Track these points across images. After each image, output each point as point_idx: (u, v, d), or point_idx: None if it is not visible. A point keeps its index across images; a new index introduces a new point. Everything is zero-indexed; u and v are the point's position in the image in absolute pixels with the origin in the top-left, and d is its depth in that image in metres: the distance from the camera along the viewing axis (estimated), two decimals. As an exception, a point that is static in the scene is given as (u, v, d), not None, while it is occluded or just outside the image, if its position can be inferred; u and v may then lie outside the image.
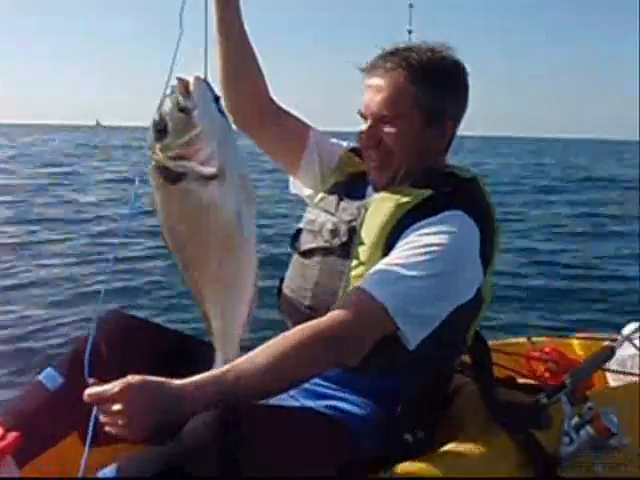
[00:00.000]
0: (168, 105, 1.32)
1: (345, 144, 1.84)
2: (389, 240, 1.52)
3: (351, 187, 1.72)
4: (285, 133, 1.82)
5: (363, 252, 1.54)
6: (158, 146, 1.33)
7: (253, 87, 1.76)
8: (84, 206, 11.55)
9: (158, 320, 1.89)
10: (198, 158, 1.33)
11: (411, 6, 3.14)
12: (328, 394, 1.61)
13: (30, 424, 1.60)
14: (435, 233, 1.48)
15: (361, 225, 1.57)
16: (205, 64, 1.45)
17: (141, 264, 6.67)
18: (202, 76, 1.39)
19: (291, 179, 1.90)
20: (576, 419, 1.61)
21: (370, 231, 1.55)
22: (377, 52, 1.65)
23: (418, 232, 1.49)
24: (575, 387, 1.67)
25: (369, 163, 1.66)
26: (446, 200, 1.53)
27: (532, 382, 1.97)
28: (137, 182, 1.40)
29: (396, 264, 1.46)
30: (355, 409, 1.58)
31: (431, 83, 1.58)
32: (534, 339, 2.28)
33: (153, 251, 7.08)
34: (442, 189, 1.55)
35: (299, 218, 1.80)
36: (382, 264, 1.48)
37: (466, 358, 1.82)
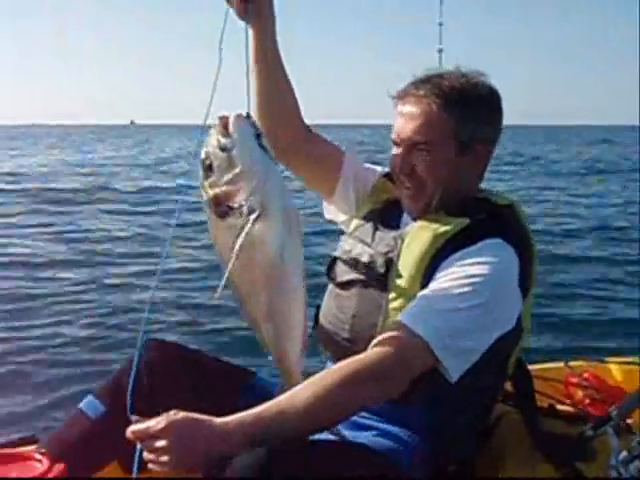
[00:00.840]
0: (210, 145, 1.37)
1: (379, 169, 1.83)
2: (427, 271, 1.51)
3: (386, 214, 1.71)
4: (320, 160, 1.81)
5: (401, 284, 1.53)
6: (206, 183, 1.38)
7: (288, 116, 1.75)
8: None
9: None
10: (241, 196, 1.37)
11: (441, 24, 3.13)
12: (372, 426, 1.60)
13: (74, 453, 1.62)
14: (475, 263, 1.46)
15: (398, 256, 1.55)
16: (248, 99, 1.48)
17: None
18: (244, 112, 1.41)
19: (325, 205, 1.89)
20: (624, 453, 1.58)
21: (408, 263, 1.53)
22: (408, 77, 1.63)
23: (458, 263, 1.48)
24: (622, 419, 1.65)
25: (401, 190, 1.65)
26: (484, 228, 1.52)
27: (572, 410, 1.94)
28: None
29: (436, 297, 1.45)
30: (399, 441, 1.56)
31: (464, 111, 1.56)
32: (571, 363, 2.24)
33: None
34: (479, 217, 1.54)
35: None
36: (422, 297, 1.46)
37: (507, 386, 1.80)
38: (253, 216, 1.36)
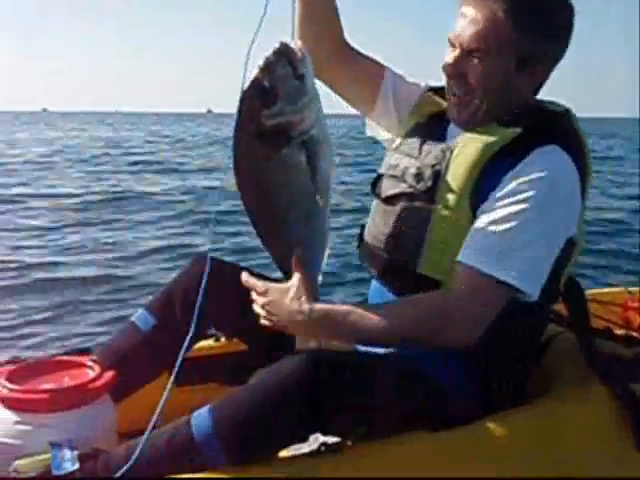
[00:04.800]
0: (280, 71, 1.31)
1: (423, 84, 1.76)
2: (477, 184, 1.45)
3: (432, 128, 1.63)
4: (359, 74, 1.76)
5: (449, 197, 1.47)
6: (266, 113, 1.31)
7: (329, 30, 1.71)
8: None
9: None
10: (303, 125, 1.34)
11: None
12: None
13: (124, 363, 1.66)
14: (531, 181, 1.39)
15: (446, 169, 1.49)
16: (293, 28, 1.51)
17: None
18: (290, 40, 1.38)
19: (367, 122, 1.84)
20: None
21: (456, 175, 1.47)
22: None
23: (514, 182, 1.40)
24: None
25: (449, 96, 1.57)
26: (538, 136, 1.44)
27: (630, 334, 1.88)
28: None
29: (504, 230, 1.38)
30: (445, 361, 1.54)
31: (532, 23, 1.44)
32: (631, 289, 2.17)
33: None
34: (532, 124, 1.46)
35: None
36: (490, 231, 1.40)
37: (560, 307, 1.75)
38: (318, 147, 1.37)
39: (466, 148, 1.48)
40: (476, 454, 1.44)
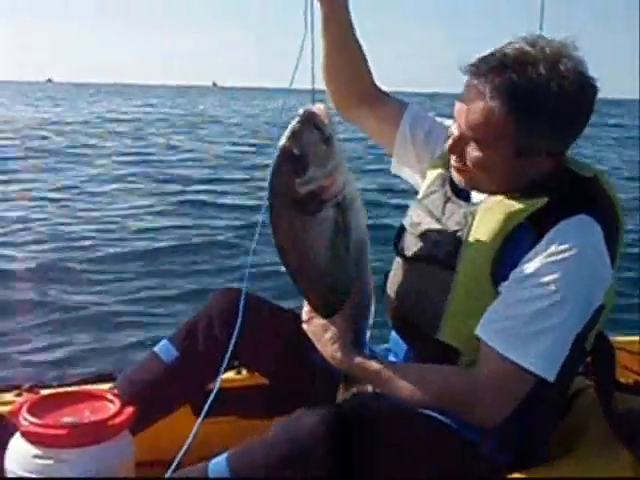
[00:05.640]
0: (308, 138, 1.32)
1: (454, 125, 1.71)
2: (500, 256, 1.40)
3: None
4: (383, 114, 1.77)
5: (470, 266, 1.43)
6: (299, 181, 1.32)
7: (359, 74, 1.74)
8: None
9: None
10: (335, 188, 1.35)
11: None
12: None
13: (145, 396, 1.66)
14: (556, 261, 1.34)
15: (468, 235, 1.44)
16: (312, 77, 1.53)
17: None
18: (315, 105, 1.39)
19: (393, 160, 1.82)
20: None
21: (478, 244, 1.42)
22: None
23: (538, 260, 1.36)
24: None
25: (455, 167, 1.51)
26: (564, 206, 1.38)
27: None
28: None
29: (528, 314, 1.35)
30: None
31: (531, 121, 1.36)
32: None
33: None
34: (559, 193, 1.40)
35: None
36: (513, 314, 1.36)
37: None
38: (350, 205, 1.39)
39: (489, 216, 1.43)
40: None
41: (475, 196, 1.54)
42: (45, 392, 1.72)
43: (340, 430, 1.30)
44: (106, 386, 1.75)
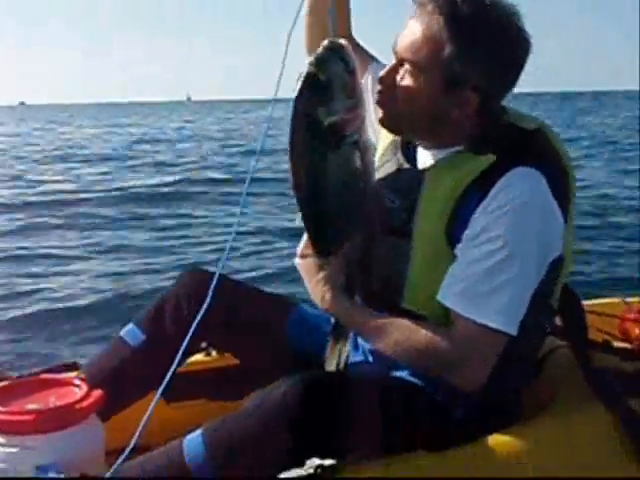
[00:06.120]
0: (334, 67, 1.29)
1: None
2: (452, 218, 1.39)
3: (405, 144, 1.58)
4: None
5: (425, 233, 1.42)
6: (322, 109, 1.30)
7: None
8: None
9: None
10: (355, 124, 1.34)
11: None
12: None
13: (113, 380, 1.62)
14: (500, 215, 1.34)
15: (419, 202, 1.43)
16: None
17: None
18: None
19: None
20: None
21: (430, 211, 1.41)
22: None
23: (484, 218, 1.35)
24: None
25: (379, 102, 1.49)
26: (507, 161, 1.37)
27: (628, 346, 1.86)
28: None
29: (484, 272, 1.34)
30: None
31: (467, 46, 1.35)
32: (629, 299, 2.14)
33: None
34: (503, 148, 1.39)
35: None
36: (467, 274, 1.36)
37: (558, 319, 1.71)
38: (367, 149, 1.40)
39: (438, 181, 1.42)
40: (475, 474, 1.41)
41: (422, 161, 1.53)
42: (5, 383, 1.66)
43: (313, 395, 1.29)
44: (72, 375, 1.70)
